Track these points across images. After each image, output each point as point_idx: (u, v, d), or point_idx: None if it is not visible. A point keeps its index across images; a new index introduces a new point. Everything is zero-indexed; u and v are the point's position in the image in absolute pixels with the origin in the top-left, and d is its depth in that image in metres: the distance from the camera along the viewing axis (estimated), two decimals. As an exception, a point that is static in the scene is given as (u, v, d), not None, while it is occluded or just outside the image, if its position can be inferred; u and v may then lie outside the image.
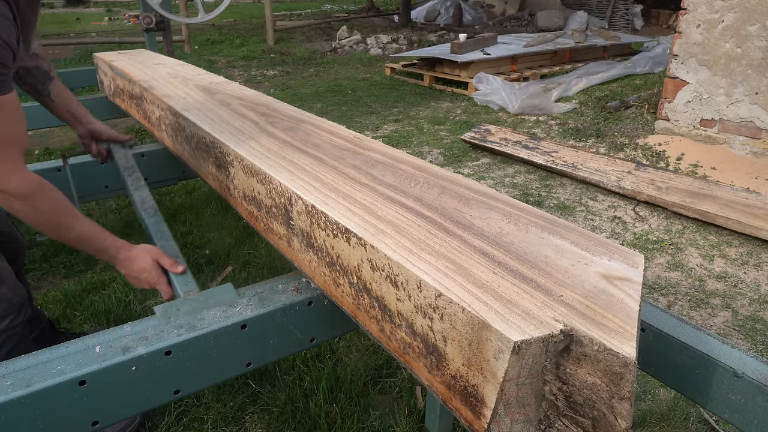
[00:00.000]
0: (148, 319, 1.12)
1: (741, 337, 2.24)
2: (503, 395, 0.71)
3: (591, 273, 0.84)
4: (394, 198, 1.09)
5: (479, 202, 1.08)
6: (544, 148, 4.10)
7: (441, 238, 0.93)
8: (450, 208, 1.05)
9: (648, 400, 1.91)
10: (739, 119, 4.01)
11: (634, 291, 0.79)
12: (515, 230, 0.97)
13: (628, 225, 3.20)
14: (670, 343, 1.07)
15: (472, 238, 0.93)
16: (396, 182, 1.18)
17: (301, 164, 1.28)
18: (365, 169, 1.25)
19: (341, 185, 1.15)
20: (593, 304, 0.76)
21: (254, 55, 8.29)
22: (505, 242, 0.92)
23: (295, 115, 1.74)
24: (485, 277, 0.82)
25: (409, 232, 0.95)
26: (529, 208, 1.07)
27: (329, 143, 1.44)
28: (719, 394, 1.01)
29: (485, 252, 0.89)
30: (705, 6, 4.00)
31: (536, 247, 0.91)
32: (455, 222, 0.99)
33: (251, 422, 1.77)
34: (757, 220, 2.93)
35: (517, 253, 0.89)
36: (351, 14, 13.06)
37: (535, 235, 0.96)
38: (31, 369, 0.97)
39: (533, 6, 11.95)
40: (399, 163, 1.29)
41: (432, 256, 0.87)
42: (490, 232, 0.96)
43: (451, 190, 1.14)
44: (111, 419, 1.04)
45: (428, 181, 1.18)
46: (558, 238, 0.94)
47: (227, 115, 1.71)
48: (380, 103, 5.82)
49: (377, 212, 1.03)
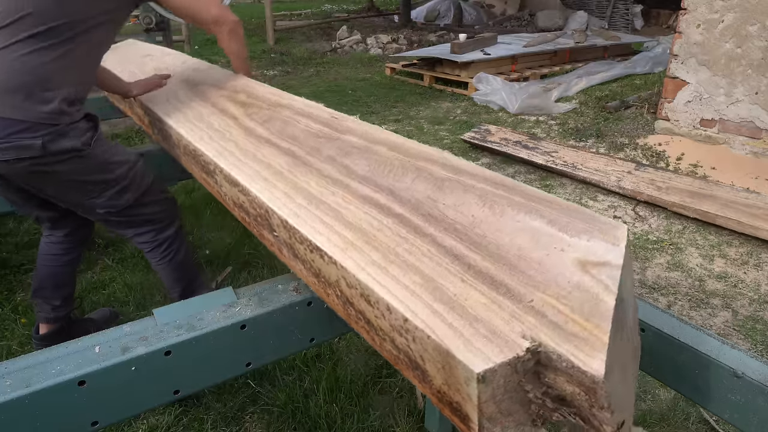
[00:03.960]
0: (148, 320, 1.11)
1: (741, 337, 2.24)
2: (484, 413, 0.69)
3: (567, 262, 0.79)
4: (365, 195, 1.07)
5: (454, 184, 1.03)
6: (544, 148, 4.10)
7: (411, 242, 0.91)
8: (423, 198, 1.01)
9: (648, 400, 1.91)
10: (739, 119, 4.01)
11: (611, 280, 0.74)
12: (489, 216, 0.92)
13: (628, 225, 3.20)
14: (670, 343, 1.07)
15: (443, 237, 0.90)
16: (370, 171, 1.15)
17: (277, 167, 1.27)
18: (340, 160, 1.23)
19: (314, 188, 1.14)
20: (565, 307, 0.72)
21: (254, 55, 8.29)
22: (477, 235, 0.89)
23: (273, 99, 1.71)
24: (453, 288, 0.79)
25: (378, 240, 0.93)
26: (506, 183, 1.01)
27: (306, 131, 1.42)
28: (719, 394, 1.01)
29: (456, 253, 0.86)
30: (705, 6, 3.99)
31: (510, 236, 0.86)
32: (427, 216, 0.96)
33: (251, 422, 1.77)
34: (757, 220, 2.93)
35: (489, 248, 0.85)
36: (351, 14, 13.06)
37: (510, 218, 0.90)
38: (31, 369, 0.97)
39: (533, 6, 11.94)
40: (375, 145, 1.26)
41: (400, 269, 0.85)
42: (463, 223, 0.92)
43: (425, 171, 1.09)
44: (111, 419, 1.04)
45: (403, 164, 1.14)
46: (535, 218, 0.88)
47: (208, 114, 1.70)
48: (380, 103, 5.82)
49: (348, 217, 1.01)
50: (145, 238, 1.77)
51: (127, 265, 2.58)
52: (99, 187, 1.61)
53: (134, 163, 1.71)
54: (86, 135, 1.55)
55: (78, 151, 1.52)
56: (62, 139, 1.48)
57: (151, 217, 1.75)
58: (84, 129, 1.55)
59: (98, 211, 1.66)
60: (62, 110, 1.47)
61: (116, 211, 1.67)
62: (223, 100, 1.78)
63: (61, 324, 1.95)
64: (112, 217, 1.69)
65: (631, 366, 0.85)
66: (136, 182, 1.68)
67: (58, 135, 1.47)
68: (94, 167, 1.59)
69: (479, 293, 0.77)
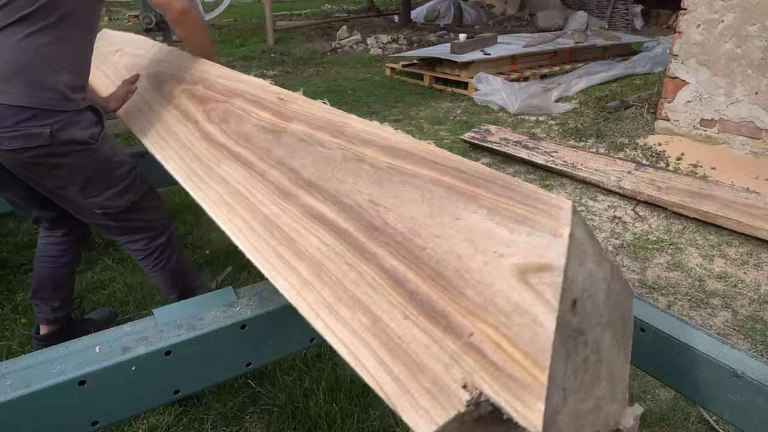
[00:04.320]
0: (148, 319, 1.12)
1: (741, 337, 2.24)
2: None
3: (506, 272, 0.72)
4: (313, 209, 1.05)
5: (393, 175, 0.98)
6: (544, 148, 4.10)
7: (357, 269, 0.88)
8: (365, 202, 0.98)
9: (648, 400, 1.91)
10: (739, 119, 4.01)
11: (552, 290, 0.66)
12: (428, 215, 0.87)
13: (628, 225, 3.20)
14: (670, 343, 1.07)
15: (385, 255, 0.87)
16: (315, 173, 1.12)
17: (236, 184, 1.26)
18: (288, 162, 1.21)
19: (268, 207, 1.13)
20: (504, 339, 0.67)
21: (254, 55, 8.29)
22: (417, 247, 0.84)
23: (227, 86, 1.65)
24: (398, 328, 0.77)
25: (327, 270, 0.91)
26: (442, 162, 0.93)
27: (257, 126, 1.40)
28: (719, 394, 1.01)
29: (398, 278, 0.82)
30: (705, 6, 4.00)
31: (450, 241, 0.81)
32: (370, 229, 0.93)
33: (251, 422, 1.77)
34: (757, 220, 2.93)
35: (430, 263, 0.81)
36: (351, 14, 13.06)
37: (449, 215, 0.84)
38: (31, 369, 0.97)
39: (533, 6, 11.95)
40: (318, 132, 1.22)
41: (348, 308, 0.84)
42: (403, 231, 0.88)
43: (366, 162, 1.05)
44: (111, 419, 1.04)
45: (345, 156, 1.10)
46: (473, 209, 0.81)
47: (173, 121, 1.69)
48: (380, 103, 5.82)
49: (300, 244, 0.99)
50: (137, 245, 1.76)
51: (127, 265, 2.58)
52: (100, 185, 1.60)
53: (135, 165, 1.71)
54: (94, 128, 1.55)
55: (86, 144, 1.52)
56: (71, 128, 1.48)
57: (145, 225, 1.75)
58: (91, 121, 1.56)
59: (95, 211, 1.65)
60: (67, 96, 1.47)
61: (113, 213, 1.67)
62: (184, 99, 1.76)
63: (61, 325, 1.95)
64: (108, 221, 1.68)
65: (621, 337, 0.81)
66: (135, 184, 1.69)
67: (65, 124, 1.47)
68: (99, 163, 1.58)
69: (421, 332, 0.74)
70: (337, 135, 1.17)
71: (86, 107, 1.56)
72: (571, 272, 0.68)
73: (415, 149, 0.99)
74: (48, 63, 1.45)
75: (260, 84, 1.53)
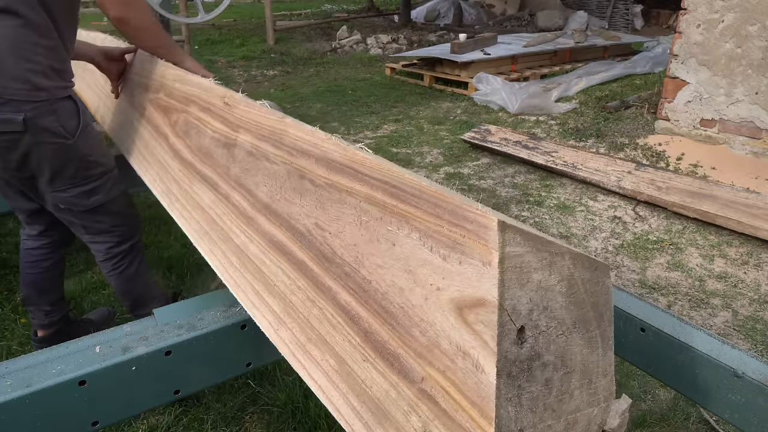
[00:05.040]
0: (148, 319, 1.12)
1: (741, 337, 2.24)
2: None
3: (445, 308, 0.67)
4: (273, 236, 1.04)
5: (332, 194, 0.93)
6: (544, 148, 4.10)
7: (318, 305, 0.88)
8: (312, 226, 0.95)
9: (648, 400, 1.91)
10: (739, 119, 4.01)
11: (489, 330, 0.61)
12: (368, 240, 0.82)
13: (628, 225, 3.20)
14: (670, 343, 1.07)
15: (339, 290, 0.85)
16: (268, 194, 1.09)
17: (208, 210, 1.24)
18: (244, 182, 1.18)
19: (237, 235, 1.13)
20: (451, 385, 0.65)
21: (254, 55, 8.29)
22: (363, 279, 0.81)
23: (183, 91, 1.58)
24: (361, 372, 0.77)
25: (295, 307, 0.92)
26: (372, 174, 0.85)
27: (213, 140, 1.35)
28: (719, 394, 1.01)
29: (353, 314, 0.81)
30: (705, 6, 4.00)
31: (390, 272, 0.77)
32: (321, 258, 0.91)
33: (251, 422, 1.77)
34: (757, 220, 2.93)
35: (376, 298, 0.78)
36: (351, 14, 13.06)
37: (386, 241, 0.79)
38: (31, 369, 0.97)
39: (533, 6, 11.95)
40: (262, 143, 1.16)
41: (318, 349, 0.84)
42: (350, 261, 0.85)
43: (306, 178, 1.00)
44: (111, 419, 1.04)
45: (288, 172, 1.05)
46: (407, 233, 0.76)
47: (149, 137, 1.66)
48: (380, 103, 5.82)
49: (269, 277, 0.99)
50: (97, 247, 1.74)
51: (127, 265, 2.58)
52: (68, 181, 1.57)
53: (110, 169, 1.68)
54: (71, 121, 1.51)
55: (59, 136, 1.48)
56: (46, 117, 1.45)
57: (109, 229, 1.72)
58: (70, 112, 1.51)
59: (60, 205, 1.61)
60: (38, 86, 1.43)
61: (78, 211, 1.63)
62: (153, 110, 1.72)
63: (58, 327, 1.94)
64: (72, 217, 1.66)
65: (597, 329, 0.75)
66: (106, 187, 1.65)
67: (41, 112, 1.43)
68: (71, 159, 1.54)
69: (381, 376, 0.73)
70: (278, 146, 1.12)
71: (65, 97, 1.51)
72: (511, 299, 0.62)
73: (345, 159, 0.91)
74: (16, 51, 1.40)
75: (207, 86, 1.46)
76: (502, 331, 0.61)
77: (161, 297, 1.91)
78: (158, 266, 2.58)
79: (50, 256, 1.88)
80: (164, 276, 2.53)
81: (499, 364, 0.61)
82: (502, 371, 0.61)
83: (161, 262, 2.60)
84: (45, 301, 1.90)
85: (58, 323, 1.94)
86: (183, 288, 2.42)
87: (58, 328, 1.94)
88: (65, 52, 1.54)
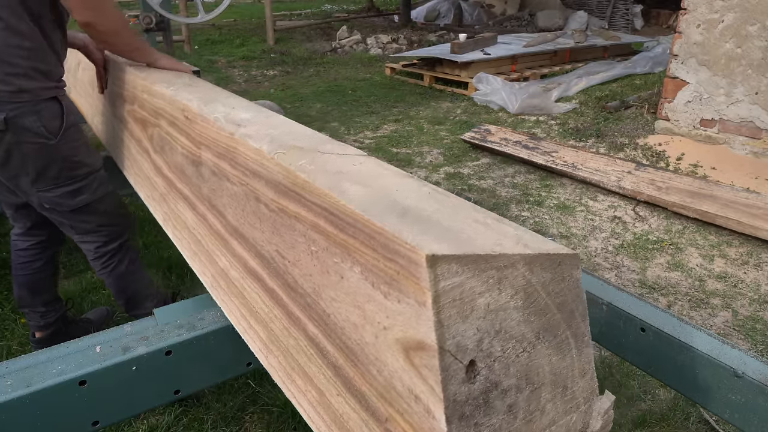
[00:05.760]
0: (149, 319, 1.12)
1: (741, 337, 2.24)
2: None
3: (394, 350, 0.63)
4: (246, 262, 1.00)
5: (284, 219, 0.88)
6: (544, 148, 4.10)
7: (293, 335, 0.85)
8: (275, 255, 0.90)
9: (648, 400, 1.92)
10: (739, 119, 4.01)
11: (433, 377, 0.57)
12: (320, 272, 0.78)
13: (628, 225, 3.20)
14: (670, 343, 1.07)
15: (306, 321, 0.82)
16: (235, 217, 1.05)
17: (193, 231, 1.21)
18: (216, 204, 1.14)
19: (219, 258, 1.10)
20: (411, 428, 0.62)
21: (254, 55, 8.29)
22: (324, 312, 0.77)
23: (152, 103, 1.53)
24: (337, 405, 0.75)
25: (275, 334, 0.90)
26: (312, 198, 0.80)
27: (183, 156, 1.30)
28: (719, 394, 1.01)
29: (321, 347, 0.78)
30: (705, 6, 4.00)
31: (344, 306, 0.73)
32: (286, 287, 0.88)
33: (251, 422, 1.77)
34: (757, 220, 2.93)
35: (337, 332, 0.74)
36: (351, 14, 13.06)
37: (335, 273, 0.74)
38: (31, 369, 0.97)
39: (533, 6, 11.94)
40: (221, 161, 1.11)
41: (301, 379, 0.83)
42: (309, 290, 0.81)
43: (261, 203, 0.95)
44: (111, 419, 1.04)
45: (247, 195, 1.00)
46: (350, 266, 0.71)
47: (136, 152, 1.64)
48: (380, 103, 5.82)
49: (250, 305, 0.98)
50: (87, 246, 1.74)
51: (127, 265, 2.58)
52: (52, 181, 1.56)
53: (96, 169, 1.67)
54: (55, 122, 1.51)
55: (41, 136, 1.48)
56: (28, 117, 1.44)
57: (97, 229, 1.71)
58: (54, 113, 1.51)
59: (44, 205, 1.61)
60: (21, 88, 1.43)
61: (64, 211, 1.63)
62: (132, 123, 1.69)
63: (56, 327, 1.94)
64: (58, 217, 1.65)
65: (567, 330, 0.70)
66: (92, 187, 1.64)
67: (23, 112, 1.43)
68: (54, 159, 1.54)
69: (353, 411, 0.71)
70: (234, 165, 1.07)
71: (50, 97, 1.50)
72: (453, 337, 0.58)
73: (289, 182, 0.86)
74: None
75: (170, 98, 1.40)
76: (447, 375, 0.57)
77: (157, 296, 1.91)
78: (158, 266, 2.58)
79: (40, 256, 1.87)
80: (164, 276, 2.53)
81: (448, 410, 0.57)
82: (452, 417, 0.57)
83: (161, 262, 2.60)
84: (39, 302, 1.89)
85: (55, 324, 1.94)
86: (183, 288, 2.42)
87: (56, 328, 1.94)
88: (52, 53, 1.53)
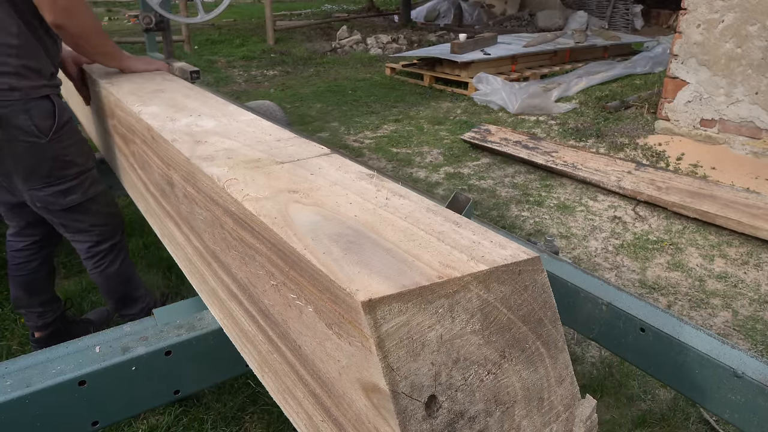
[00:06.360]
0: (148, 320, 1.12)
1: (741, 337, 2.24)
2: None
3: (356, 387, 0.62)
4: (228, 286, 0.99)
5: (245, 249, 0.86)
6: (544, 148, 4.10)
7: (278, 361, 0.84)
8: (248, 283, 0.88)
9: (648, 400, 1.91)
10: (739, 119, 4.01)
11: (392, 418, 0.56)
12: (284, 305, 0.77)
13: (628, 225, 3.20)
14: (670, 343, 1.07)
15: (285, 350, 0.80)
16: (212, 241, 1.02)
17: (185, 252, 1.21)
18: (195, 228, 1.12)
19: (208, 278, 1.10)
20: None
21: (254, 55, 8.29)
22: (298, 347, 0.76)
23: (126, 120, 1.50)
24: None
25: (264, 357, 0.89)
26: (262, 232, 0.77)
27: (160, 176, 1.27)
28: (719, 394, 1.01)
29: (300, 375, 0.77)
30: (705, 6, 4.00)
31: (309, 341, 0.71)
32: (264, 316, 0.86)
33: (251, 422, 1.77)
34: (757, 220, 2.93)
35: (314, 368, 0.72)
36: (351, 14, 13.06)
37: (295, 309, 0.73)
38: (31, 369, 0.97)
39: (533, 6, 11.94)
40: (188, 185, 1.08)
41: (293, 401, 0.81)
42: (280, 321, 0.79)
43: (226, 230, 0.93)
44: (111, 419, 1.04)
45: (214, 223, 0.98)
46: (304, 303, 0.70)
47: (126, 166, 1.62)
48: (380, 103, 5.82)
49: (242, 329, 0.97)
50: (79, 245, 1.74)
51: (127, 265, 2.58)
52: (42, 180, 1.56)
53: (88, 169, 1.67)
54: (46, 121, 1.50)
55: (32, 134, 1.48)
56: (19, 115, 1.44)
57: (89, 228, 1.71)
58: (45, 112, 1.50)
59: (36, 203, 1.61)
60: (11, 86, 1.42)
61: (55, 210, 1.63)
62: (118, 139, 1.67)
63: (55, 327, 1.94)
64: (50, 216, 1.65)
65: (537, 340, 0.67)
66: (83, 187, 1.64)
67: (14, 110, 1.43)
68: (45, 158, 1.53)
69: None
70: (197, 189, 1.05)
71: (42, 96, 1.49)
72: (406, 378, 0.56)
73: (241, 213, 0.83)
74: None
75: (137, 116, 1.36)
76: (404, 416, 0.55)
77: (147, 298, 1.90)
78: (158, 266, 2.58)
79: (36, 257, 1.86)
80: (164, 276, 2.53)
81: None
82: None
83: (161, 262, 2.60)
84: (36, 302, 1.89)
85: (53, 324, 1.94)
86: (183, 288, 2.42)
87: (55, 328, 1.94)
88: (43, 51, 1.52)
